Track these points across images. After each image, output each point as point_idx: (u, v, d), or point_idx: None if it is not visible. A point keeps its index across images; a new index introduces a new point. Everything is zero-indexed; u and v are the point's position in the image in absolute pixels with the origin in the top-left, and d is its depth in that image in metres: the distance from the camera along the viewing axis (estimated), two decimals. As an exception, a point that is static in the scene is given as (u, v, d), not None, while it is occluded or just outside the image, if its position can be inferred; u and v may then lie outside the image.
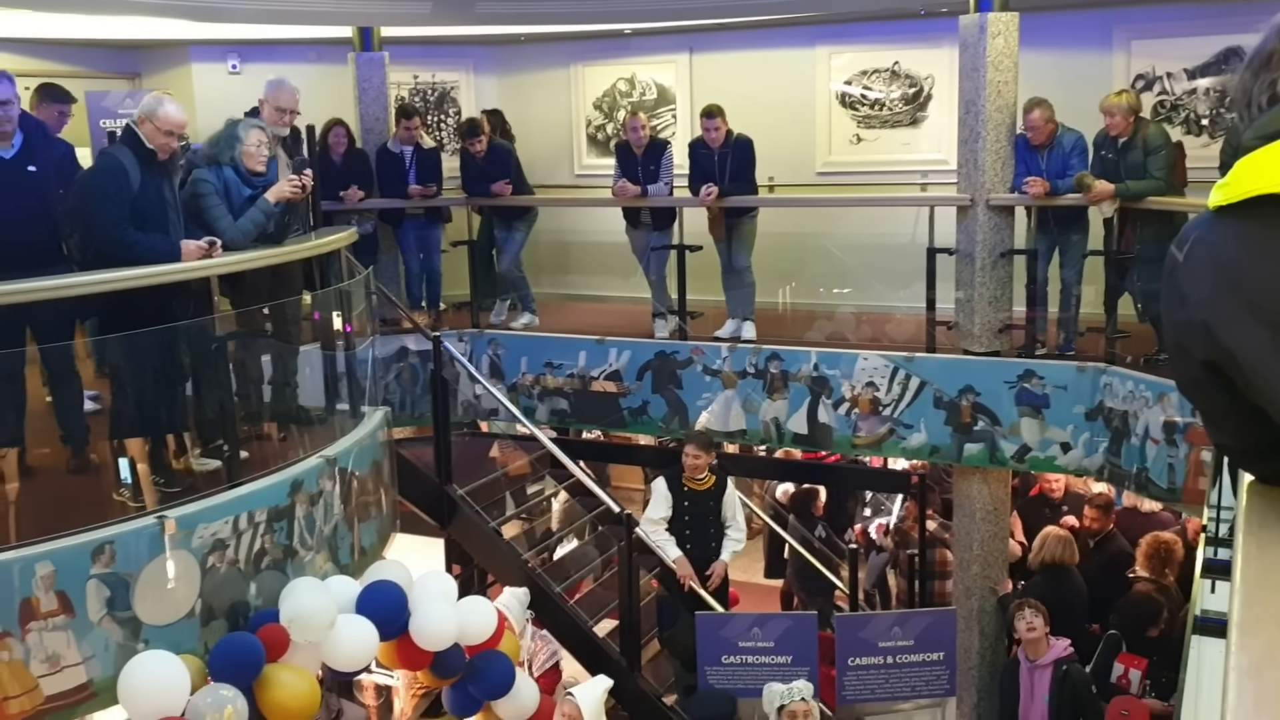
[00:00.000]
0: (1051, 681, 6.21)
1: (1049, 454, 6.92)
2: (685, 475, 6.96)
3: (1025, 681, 6.34)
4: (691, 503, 7.02)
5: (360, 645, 5.03)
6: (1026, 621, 6.25)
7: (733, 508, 7.09)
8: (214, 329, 5.18)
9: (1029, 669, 6.32)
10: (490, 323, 8.57)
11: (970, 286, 7.09)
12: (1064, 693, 6.17)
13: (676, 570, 6.92)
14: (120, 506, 4.77)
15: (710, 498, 7.01)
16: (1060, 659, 6.22)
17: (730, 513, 7.05)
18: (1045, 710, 6.24)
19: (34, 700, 4.20)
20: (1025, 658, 6.35)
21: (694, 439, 7.07)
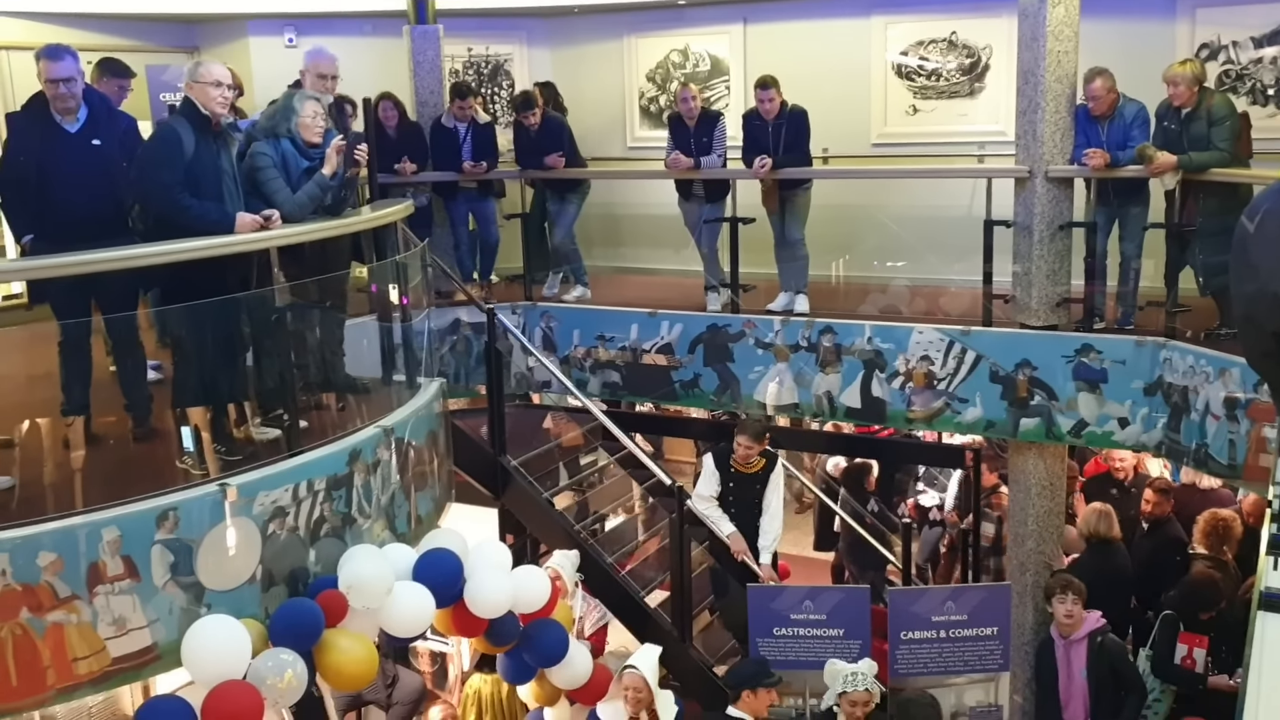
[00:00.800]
0: (1088, 655, 6.18)
1: (1106, 429, 6.83)
2: (735, 459, 6.96)
3: (1062, 658, 6.31)
4: (737, 484, 7.05)
5: (417, 612, 5.11)
6: (1066, 608, 6.20)
7: (775, 494, 7.05)
8: (274, 300, 5.25)
9: (1064, 645, 6.29)
10: (543, 295, 8.60)
11: (1028, 259, 7.00)
12: (1101, 665, 6.14)
13: (731, 546, 6.96)
14: (183, 474, 4.87)
15: (757, 481, 7.01)
16: (1093, 631, 6.20)
17: (770, 499, 7.01)
18: (1085, 685, 6.20)
19: (101, 662, 4.31)
20: (1059, 635, 6.33)
21: (747, 429, 7.03)
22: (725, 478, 7.03)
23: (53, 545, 4.16)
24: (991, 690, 6.28)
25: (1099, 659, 6.15)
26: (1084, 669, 6.18)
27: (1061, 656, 6.31)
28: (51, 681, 4.19)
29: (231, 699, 4.31)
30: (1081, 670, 6.19)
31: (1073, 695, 6.27)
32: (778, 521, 7.07)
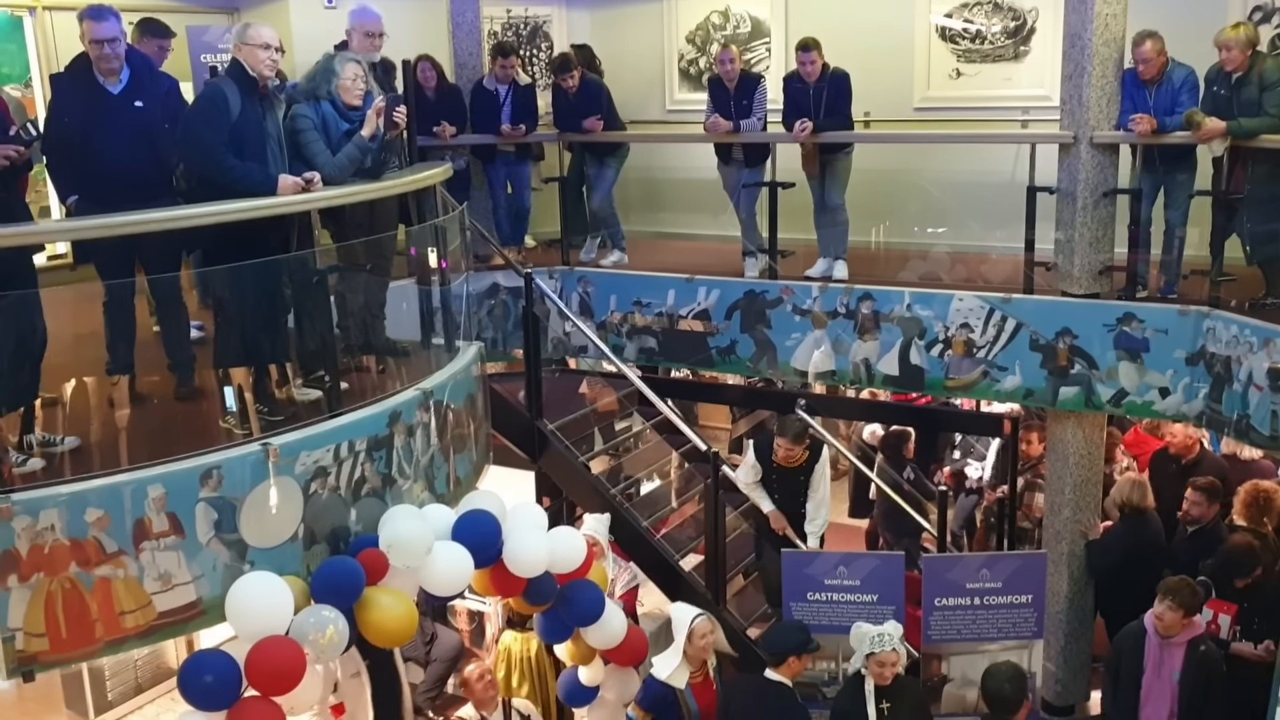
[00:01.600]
0: (1185, 660, 5.80)
1: (1146, 399, 6.77)
2: (776, 458, 6.94)
3: (1152, 655, 5.91)
4: (779, 477, 7.04)
5: (456, 571, 5.17)
6: (1158, 613, 5.78)
7: (822, 483, 7.00)
8: (315, 262, 5.29)
9: (1159, 644, 5.88)
10: (580, 260, 8.59)
11: (1071, 227, 6.91)
12: (1199, 673, 5.78)
13: (771, 522, 6.99)
14: (226, 433, 4.94)
15: (801, 473, 6.97)
16: (1195, 638, 5.83)
17: (817, 486, 6.98)
18: (1174, 687, 5.83)
19: (147, 616, 4.41)
20: (1155, 632, 5.88)
21: (787, 431, 6.91)
22: (768, 469, 7.01)
23: (99, 502, 4.25)
24: (1025, 657, 6.26)
25: (1198, 667, 5.78)
26: (1177, 672, 5.81)
27: (1153, 654, 5.91)
28: (100, 634, 4.30)
29: (274, 654, 4.40)
30: (1174, 673, 5.81)
31: (1156, 695, 5.89)
32: (825, 509, 7.02)
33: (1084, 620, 7.44)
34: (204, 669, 4.39)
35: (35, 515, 4.11)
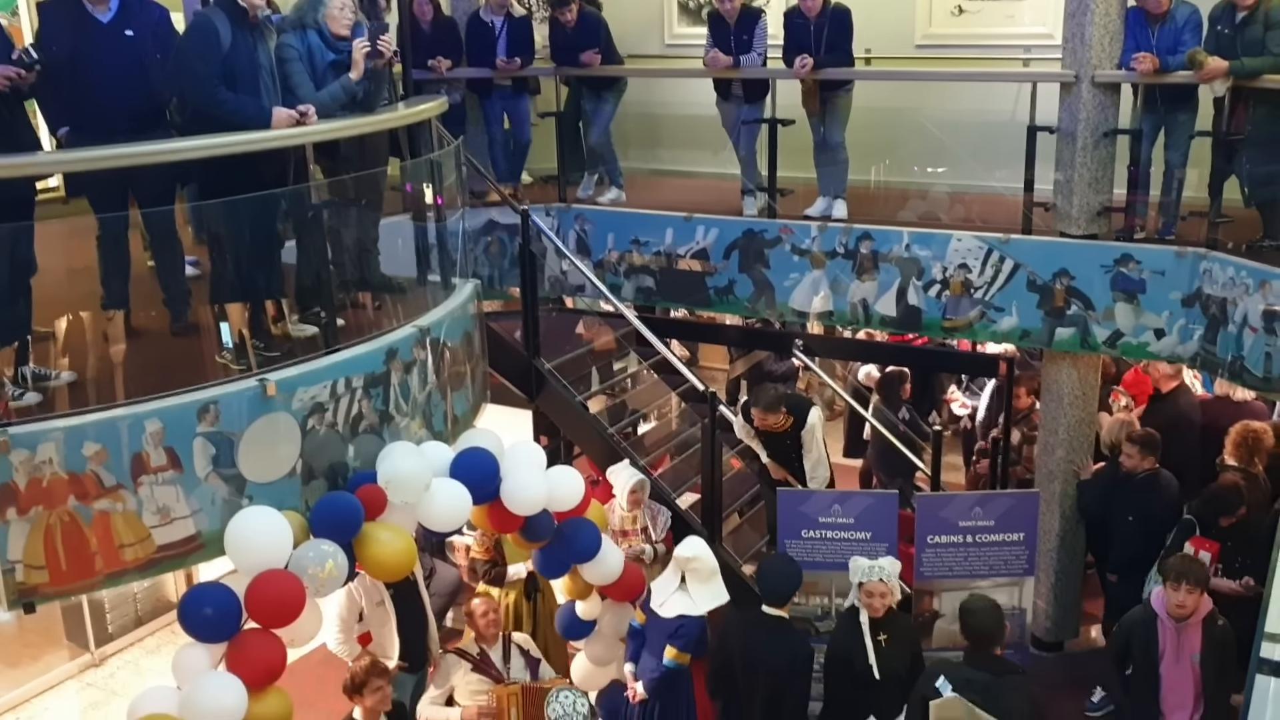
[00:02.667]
0: (1204, 640, 5.49)
1: (1142, 340, 6.78)
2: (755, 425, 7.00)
3: (1168, 640, 5.57)
4: (766, 440, 7.08)
5: (454, 507, 5.21)
6: (1179, 599, 5.43)
7: (814, 447, 7.03)
8: (310, 197, 5.25)
9: (1173, 627, 5.54)
10: (577, 197, 8.54)
11: (1070, 167, 6.88)
12: (1221, 652, 5.49)
13: (770, 471, 7.04)
14: (223, 369, 4.94)
15: (786, 438, 7.02)
16: (1209, 615, 5.53)
17: (809, 449, 7.01)
18: (1195, 670, 5.52)
19: (147, 549, 4.43)
20: (1168, 616, 5.54)
21: (760, 400, 6.97)
22: (757, 431, 7.07)
23: (97, 436, 4.26)
24: (1015, 594, 6.36)
25: (1221, 643, 5.48)
26: (1197, 654, 5.49)
27: (1169, 639, 5.58)
28: (100, 567, 4.33)
29: (274, 587, 4.44)
30: (1195, 655, 5.50)
31: (1178, 680, 5.58)
32: (822, 468, 7.06)
33: (1074, 558, 7.53)
34: (204, 601, 4.44)
35: (33, 449, 4.12)
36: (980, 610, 5.19)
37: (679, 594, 5.95)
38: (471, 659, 6.05)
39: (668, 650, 5.92)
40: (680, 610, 5.89)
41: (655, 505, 6.92)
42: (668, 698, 6.00)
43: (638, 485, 6.68)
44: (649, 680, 5.95)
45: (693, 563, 5.92)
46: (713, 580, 5.97)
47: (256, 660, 4.43)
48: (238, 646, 4.45)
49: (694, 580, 5.93)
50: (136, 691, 4.53)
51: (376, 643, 6.11)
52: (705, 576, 5.94)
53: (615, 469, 6.84)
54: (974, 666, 5.04)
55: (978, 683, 4.91)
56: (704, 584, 5.93)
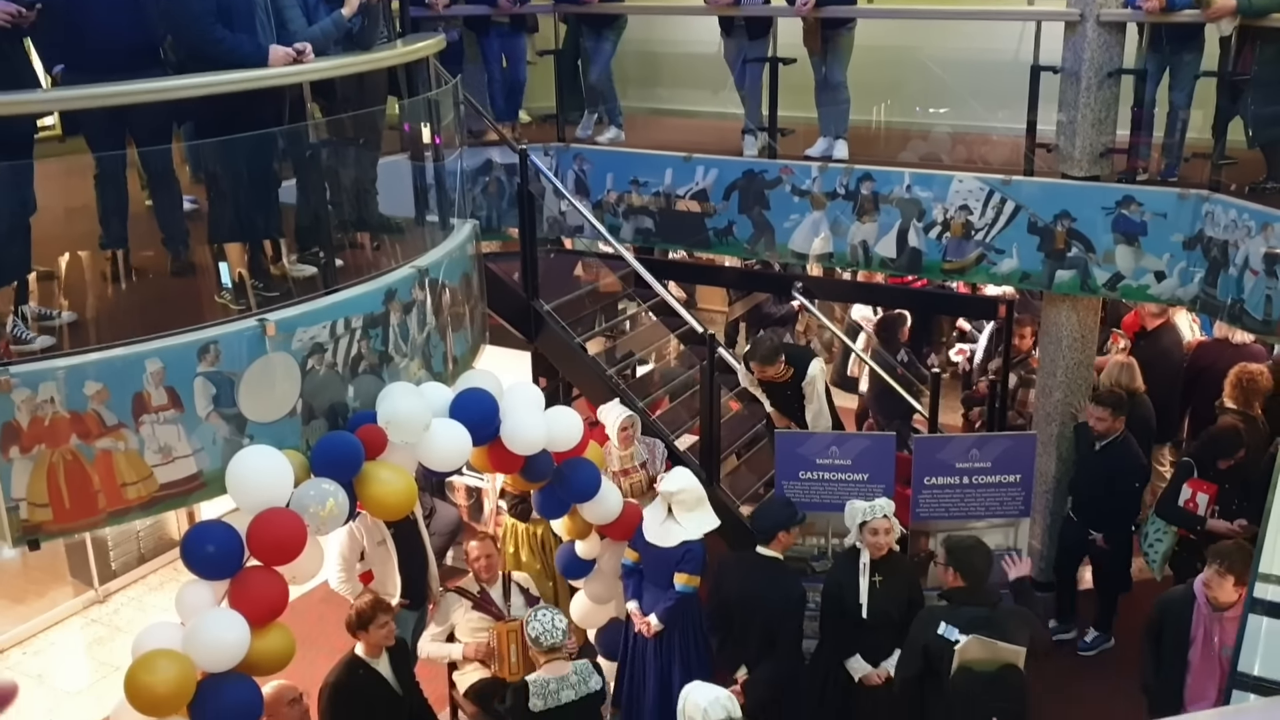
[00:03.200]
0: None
1: (1142, 282, 6.77)
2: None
3: (1202, 626, 5.32)
4: (767, 390, 7.10)
5: (454, 447, 5.24)
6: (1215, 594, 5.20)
7: (814, 400, 7.02)
8: (308, 136, 5.22)
9: (1209, 615, 5.28)
10: (576, 137, 8.47)
11: (1074, 108, 6.82)
12: None
13: (774, 421, 7.06)
14: (222, 308, 4.94)
15: (787, 388, 7.03)
16: None
17: (810, 400, 7.01)
18: (1224, 663, 5.11)
19: (149, 488, 4.47)
20: (1205, 601, 5.28)
21: (758, 353, 6.95)
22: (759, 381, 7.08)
23: (98, 375, 4.27)
24: (1011, 534, 6.41)
25: None
26: (1228, 647, 5.00)
27: (1203, 624, 5.31)
28: (102, 505, 4.36)
29: (276, 525, 4.47)
30: (1225, 648, 5.14)
31: (1204, 669, 5.33)
32: (823, 419, 7.05)
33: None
34: (206, 539, 4.47)
35: (34, 388, 4.13)
36: (979, 548, 5.25)
37: (670, 523, 6.05)
38: (472, 597, 6.12)
39: (678, 577, 6.00)
40: (682, 538, 5.98)
41: (649, 440, 6.96)
42: (684, 623, 6.09)
43: (627, 421, 6.70)
44: (662, 610, 6.02)
45: (679, 495, 6.00)
46: (700, 507, 6.07)
47: (259, 597, 4.48)
48: (240, 583, 4.49)
49: (680, 510, 6.02)
50: (140, 627, 4.58)
51: (378, 581, 6.17)
52: (691, 505, 6.04)
53: (605, 408, 6.86)
54: (970, 604, 5.09)
55: (981, 619, 4.98)
56: (691, 512, 6.03)
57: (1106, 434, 6.74)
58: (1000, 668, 4.92)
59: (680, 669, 6.00)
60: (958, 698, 4.94)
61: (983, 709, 4.88)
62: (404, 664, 5.65)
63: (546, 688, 5.20)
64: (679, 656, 6.08)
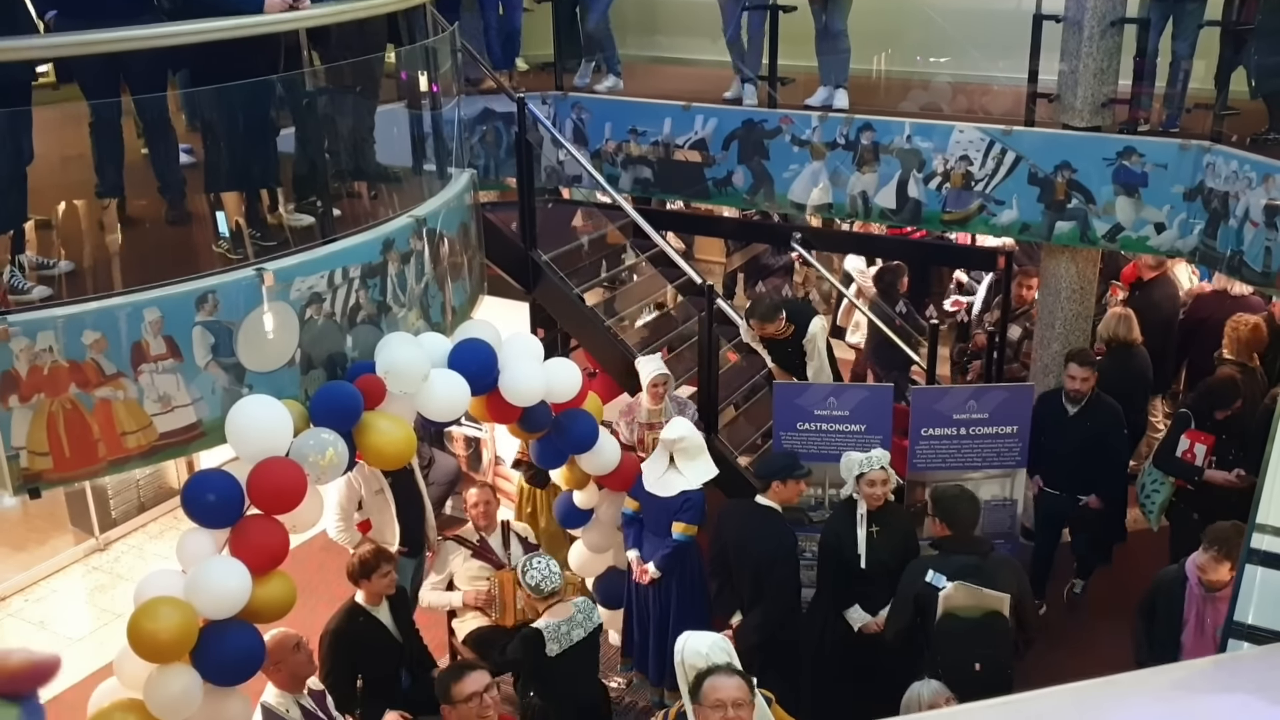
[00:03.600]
0: None
1: (1142, 234, 6.76)
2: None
3: (1195, 607, 5.24)
4: (768, 346, 7.09)
5: (452, 397, 5.24)
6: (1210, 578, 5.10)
7: (814, 354, 7.01)
8: (305, 84, 5.17)
9: (1201, 596, 5.20)
10: (574, 85, 8.40)
11: (1075, 57, 6.77)
12: None
13: (775, 376, 7.08)
14: (220, 258, 4.92)
15: (788, 345, 7.02)
16: None
17: (810, 357, 7.01)
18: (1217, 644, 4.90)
19: (149, 436, 4.48)
20: (1199, 584, 5.20)
21: (757, 312, 6.94)
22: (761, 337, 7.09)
23: (96, 324, 4.26)
24: (1007, 485, 6.45)
25: None
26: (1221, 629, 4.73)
27: (1195, 606, 5.24)
28: (102, 454, 4.37)
29: (276, 474, 4.49)
30: (1218, 629, 4.73)
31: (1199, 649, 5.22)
32: (824, 376, 7.05)
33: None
34: (207, 488, 4.49)
35: (33, 337, 4.12)
36: (964, 497, 5.30)
37: (671, 473, 6.07)
38: (471, 545, 6.17)
39: (676, 526, 6.06)
40: (681, 487, 6.03)
41: (681, 399, 6.91)
42: (682, 571, 6.15)
43: (659, 378, 6.64)
44: (660, 558, 6.08)
45: (680, 443, 6.03)
46: (700, 456, 6.13)
47: (259, 545, 4.50)
48: (240, 532, 4.51)
49: (683, 459, 6.07)
50: (141, 575, 4.61)
51: (376, 529, 6.21)
52: (693, 454, 6.10)
53: (642, 360, 6.83)
54: (959, 553, 5.13)
55: (969, 567, 5.02)
56: (693, 460, 6.09)
57: (1082, 394, 6.53)
58: (985, 615, 4.95)
59: (677, 616, 6.07)
60: (942, 644, 4.98)
61: (967, 655, 4.91)
62: (404, 612, 5.70)
63: (559, 631, 5.27)
64: (676, 604, 6.14)
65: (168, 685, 4.27)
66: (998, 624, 4.96)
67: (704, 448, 6.16)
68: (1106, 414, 6.62)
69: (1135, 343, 7.27)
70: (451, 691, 4.24)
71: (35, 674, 0.75)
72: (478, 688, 4.23)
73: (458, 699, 4.22)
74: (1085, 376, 6.50)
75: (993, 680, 4.79)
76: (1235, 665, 1.95)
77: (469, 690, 4.22)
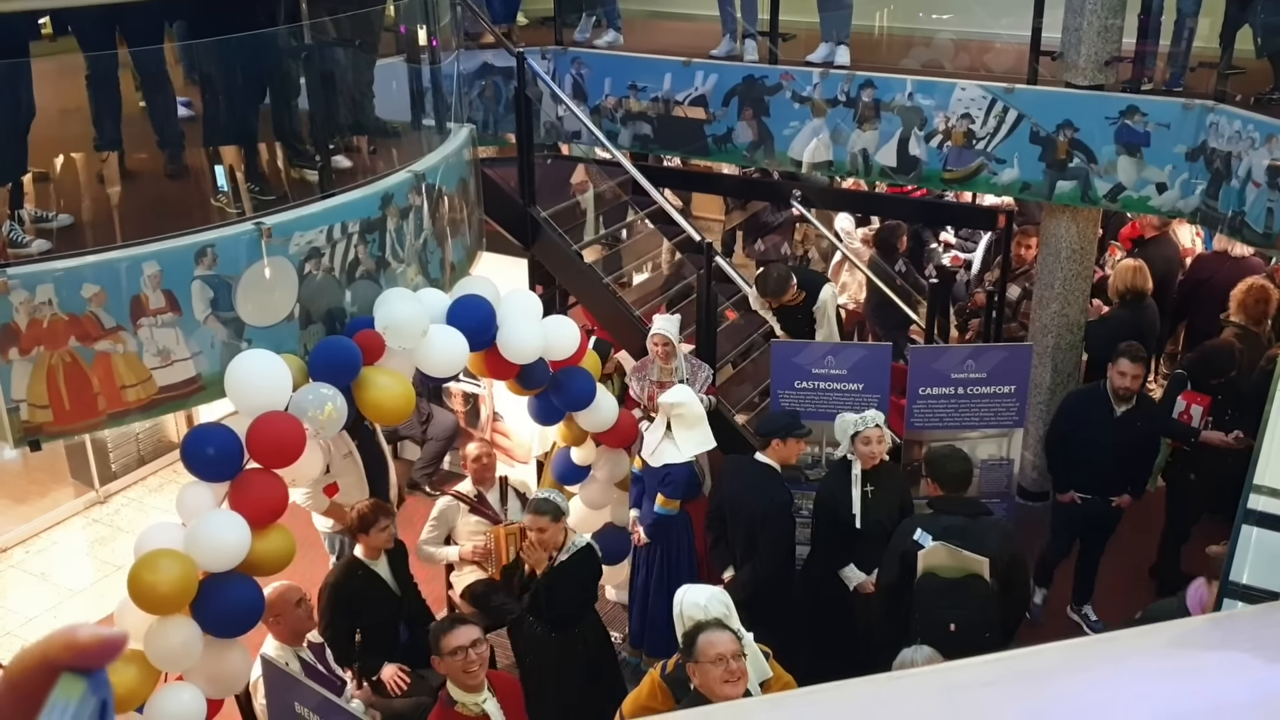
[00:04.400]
0: None
1: (1143, 194, 6.74)
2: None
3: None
4: (778, 313, 7.08)
5: (451, 353, 5.25)
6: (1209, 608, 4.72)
7: (824, 322, 7.01)
8: (304, 36, 5.13)
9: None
10: (574, 40, 8.33)
11: (1079, 14, 6.71)
12: None
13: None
14: (219, 212, 4.91)
15: (799, 312, 7.01)
16: None
17: (820, 325, 7.01)
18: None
19: (148, 390, 4.49)
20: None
21: (766, 288, 6.88)
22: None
23: (95, 277, 4.26)
24: (1004, 445, 6.46)
25: None
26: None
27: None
28: (102, 407, 4.39)
29: (275, 428, 4.50)
30: None
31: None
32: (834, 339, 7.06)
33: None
34: (206, 442, 4.50)
35: (32, 290, 4.13)
36: (954, 456, 5.30)
37: (666, 442, 6.08)
38: (469, 501, 6.20)
39: (658, 499, 6.07)
40: (666, 460, 6.03)
41: (696, 360, 6.77)
42: (667, 542, 6.18)
43: (657, 338, 6.42)
44: (647, 526, 6.12)
45: (678, 409, 6.01)
46: (698, 426, 6.08)
47: (259, 499, 4.52)
48: (240, 486, 4.54)
49: (679, 426, 6.04)
50: (141, 528, 4.64)
51: (343, 492, 6.15)
52: (691, 423, 6.05)
53: (658, 318, 6.69)
54: (948, 513, 5.15)
55: (955, 528, 5.03)
56: (689, 430, 6.04)
57: (1131, 392, 6.11)
58: (965, 576, 4.92)
59: (657, 586, 6.14)
60: (919, 601, 5.00)
61: (939, 614, 4.92)
62: (402, 566, 5.73)
63: None
64: (658, 574, 6.20)
65: (168, 637, 4.32)
66: (976, 586, 4.91)
67: (703, 418, 6.09)
68: (1157, 413, 6.41)
69: (1148, 294, 7.27)
70: (441, 643, 4.28)
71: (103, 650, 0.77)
72: (464, 642, 4.26)
73: (445, 651, 4.26)
74: (1136, 374, 6.07)
75: (969, 640, 4.79)
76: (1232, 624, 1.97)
77: (455, 644, 4.25)
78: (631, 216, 8.47)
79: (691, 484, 6.14)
